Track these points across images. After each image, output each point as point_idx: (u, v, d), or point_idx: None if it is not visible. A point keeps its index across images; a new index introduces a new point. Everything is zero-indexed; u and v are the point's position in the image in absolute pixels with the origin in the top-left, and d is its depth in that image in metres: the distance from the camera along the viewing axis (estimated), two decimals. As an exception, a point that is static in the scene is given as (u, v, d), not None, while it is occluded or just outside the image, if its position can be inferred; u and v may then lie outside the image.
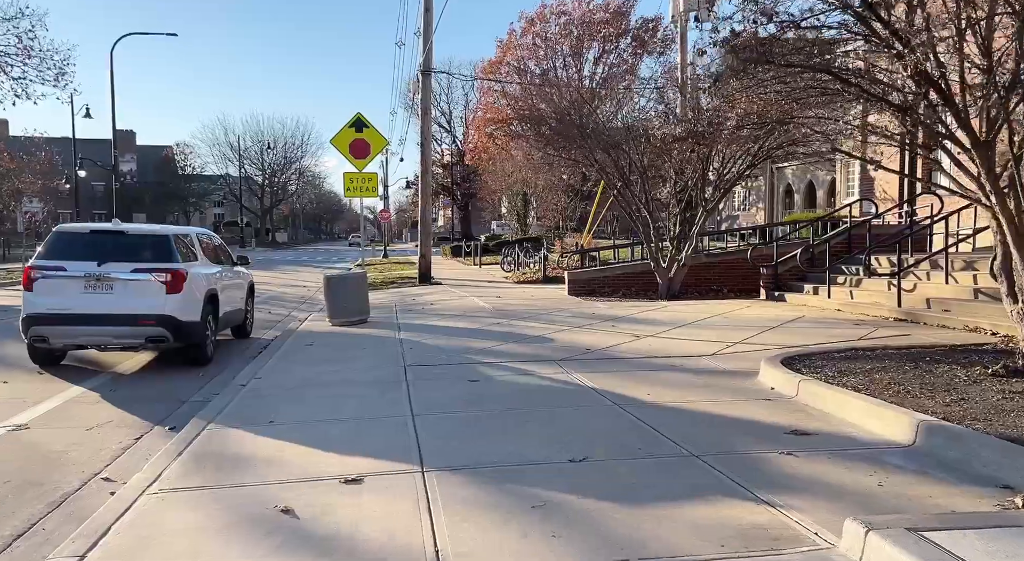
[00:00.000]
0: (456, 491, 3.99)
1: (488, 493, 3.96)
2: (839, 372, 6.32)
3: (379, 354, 8.80)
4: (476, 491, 4.00)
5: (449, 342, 9.42)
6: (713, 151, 12.74)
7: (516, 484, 4.07)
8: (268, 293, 19.89)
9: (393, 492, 4.01)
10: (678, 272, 13.93)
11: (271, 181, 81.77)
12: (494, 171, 45.21)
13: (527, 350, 8.70)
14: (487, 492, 3.98)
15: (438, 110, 63.06)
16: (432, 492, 3.98)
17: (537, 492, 3.93)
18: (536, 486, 4.03)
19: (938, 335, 8.15)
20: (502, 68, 52.73)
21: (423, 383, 7.00)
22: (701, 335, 9.27)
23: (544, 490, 3.97)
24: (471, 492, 3.98)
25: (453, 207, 66.78)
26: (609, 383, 6.73)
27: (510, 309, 12.71)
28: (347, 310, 11.42)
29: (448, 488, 4.03)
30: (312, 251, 64.50)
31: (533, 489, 3.99)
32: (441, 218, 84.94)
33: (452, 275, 23.49)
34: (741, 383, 6.65)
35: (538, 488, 4.00)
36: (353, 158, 13.26)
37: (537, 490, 3.97)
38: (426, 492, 3.98)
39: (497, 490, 4.00)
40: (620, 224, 41.86)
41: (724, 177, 13.03)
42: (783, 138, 10.87)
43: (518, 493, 3.94)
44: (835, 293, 11.28)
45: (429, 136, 20.56)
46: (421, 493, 3.98)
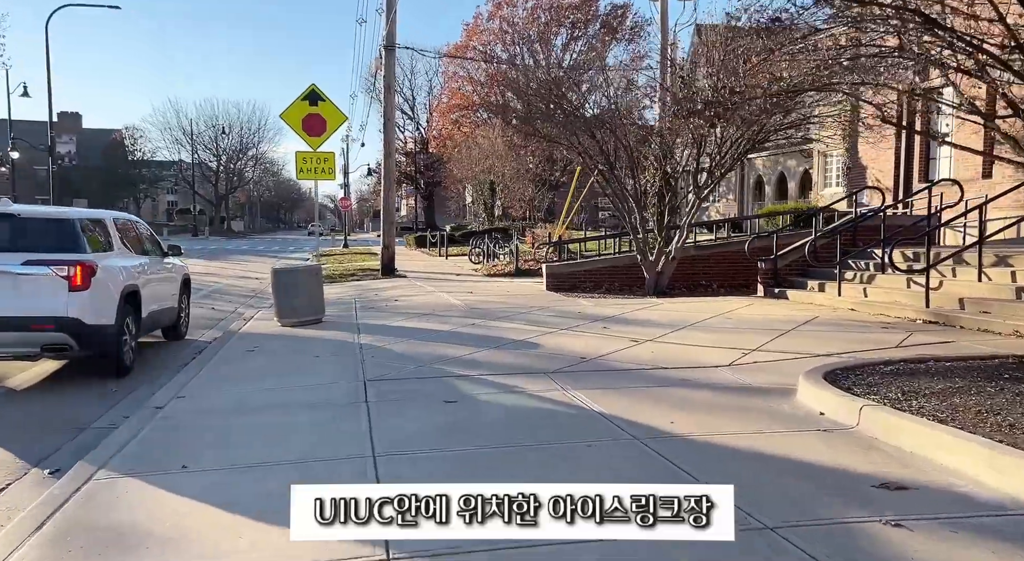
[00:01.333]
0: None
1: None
2: (903, 393, 5.14)
3: (334, 364, 7.40)
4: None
5: (418, 348, 8.05)
6: (709, 133, 11.55)
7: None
8: (214, 286, 18.22)
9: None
10: (666, 266, 12.75)
11: (226, 167, 78.77)
12: (460, 159, 43.66)
13: (511, 359, 7.38)
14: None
15: (401, 97, 61.19)
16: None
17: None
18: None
19: (990, 342, 7.05)
20: (468, 52, 51.09)
21: (388, 406, 5.64)
22: (708, 340, 8.06)
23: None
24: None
25: (417, 196, 65.01)
26: (619, 405, 5.45)
27: (485, 307, 11.37)
28: (298, 309, 9.96)
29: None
30: (269, 240, 62.17)
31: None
32: (404, 208, 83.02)
33: (417, 267, 22.04)
34: (778, 405, 5.43)
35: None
36: (307, 135, 11.74)
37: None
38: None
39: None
40: (588, 215, 40.81)
41: (720, 162, 11.85)
42: (794, 116, 9.77)
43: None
44: (846, 291, 10.20)
45: (393, 115, 19.03)
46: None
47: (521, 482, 2.72)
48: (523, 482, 2.72)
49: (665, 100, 15.07)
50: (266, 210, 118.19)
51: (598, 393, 5.85)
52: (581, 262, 14.17)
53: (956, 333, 7.64)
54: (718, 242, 14.96)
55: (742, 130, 11.61)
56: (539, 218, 36.79)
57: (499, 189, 38.70)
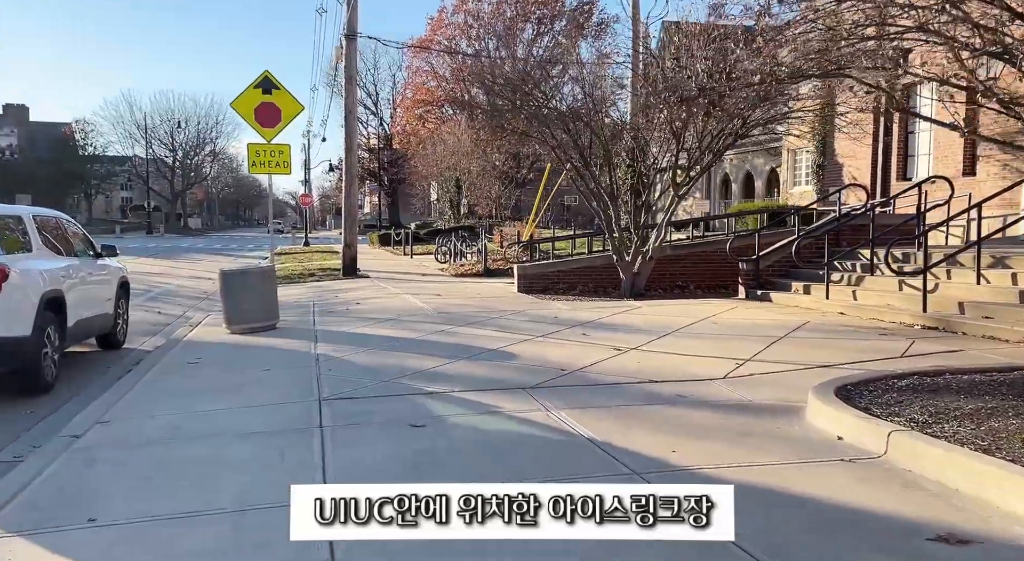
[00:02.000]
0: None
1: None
2: (929, 413, 4.57)
3: (287, 379, 6.61)
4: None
5: (381, 359, 7.29)
6: (689, 128, 10.98)
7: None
8: (164, 287, 17.17)
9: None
10: (643, 266, 12.17)
11: (183, 163, 76.54)
12: (424, 156, 42.75)
13: (485, 371, 6.68)
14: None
15: (364, 91, 60.01)
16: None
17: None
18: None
19: (1003, 351, 6.56)
20: (433, 47, 50.14)
21: (346, 432, 4.90)
22: (696, 348, 7.46)
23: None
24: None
25: (380, 193, 63.83)
26: (610, 429, 4.80)
27: (454, 311, 10.64)
28: (249, 314, 9.12)
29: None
30: (227, 238, 60.41)
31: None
32: (367, 205, 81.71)
33: (381, 266, 21.19)
34: (788, 427, 4.83)
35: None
36: (260, 126, 10.85)
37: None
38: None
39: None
40: (554, 214, 40.25)
41: (700, 157, 11.29)
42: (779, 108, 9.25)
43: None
44: (833, 293, 9.71)
45: (355, 108, 18.18)
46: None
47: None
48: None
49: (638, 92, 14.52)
50: (225, 207, 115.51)
51: (585, 413, 5.19)
52: (554, 262, 13.53)
53: (961, 340, 7.16)
54: (695, 242, 14.45)
55: (723, 123, 11.08)
56: (506, 216, 36.13)
57: (465, 186, 37.91)
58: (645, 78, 11.65)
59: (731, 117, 9.91)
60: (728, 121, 10.77)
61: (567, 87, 12.90)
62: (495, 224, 31.38)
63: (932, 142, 14.25)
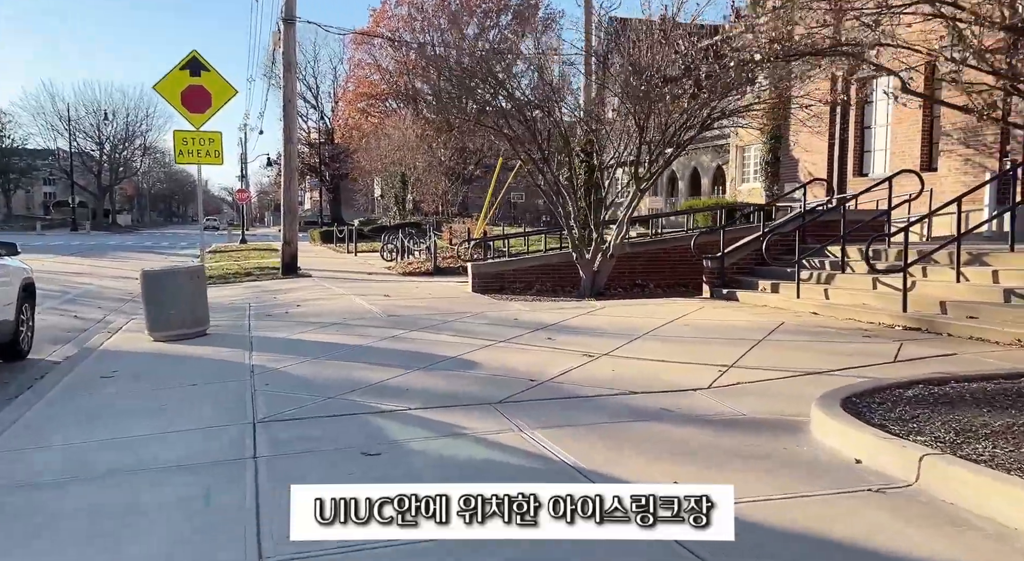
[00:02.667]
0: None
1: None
2: (955, 431, 4.07)
3: (216, 396, 5.76)
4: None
5: (326, 371, 6.49)
6: (652, 118, 10.44)
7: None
8: (83, 288, 15.83)
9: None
10: (604, 265, 11.61)
11: (111, 157, 72.93)
12: (368, 150, 41.54)
13: (445, 384, 5.95)
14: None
15: (304, 84, 58.33)
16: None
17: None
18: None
19: (999, 355, 6.16)
20: (375, 39, 48.87)
21: (285, 464, 4.13)
22: (671, 353, 6.89)
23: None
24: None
25: (322, 189, 62.13)
26: (596, 454, 4.16)
27: (406, 313, 9.85)
28: (175, 319, 8.17)
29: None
30: (159, 235, 57.83)
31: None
32: (308, 201, 79.63)
33: (323, 265, 20.15)
34: (794, 447, 4.27)
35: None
36: (187, 112, 9.82)
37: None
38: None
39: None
40: (502, 210, 39.60)
41: (663, 151, 10.78)
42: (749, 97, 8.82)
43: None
44: (804, 292, 9.31)
45: (294, 97, 17.13)
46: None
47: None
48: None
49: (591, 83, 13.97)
50: (158, 203, 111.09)
51: (564, 434, 4.54)
52: (510, 261, 12.85)
53: (949, 342, 6.77)
54: (654, 239, 13.98)
55: (686, 116, 10.61)
56: (454, 213, 35.35)
57: (411, 182, 36.89)
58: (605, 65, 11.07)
59: (709, 101, 9.38)
60: (702, 107, 10.27)
61: (525, 79, 12.22)
62: (443, 221, 30.57)
63: (889, 137, 14.14)
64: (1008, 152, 11.14)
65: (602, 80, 11.64)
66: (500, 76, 10.74)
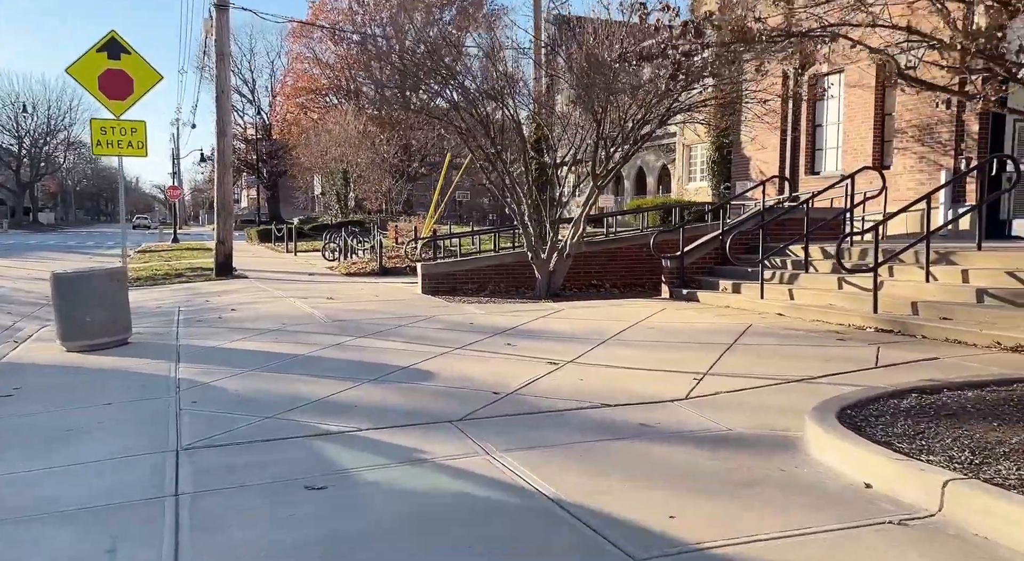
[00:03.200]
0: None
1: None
2: (970, 450, 3.71)
3: (134, 418, 5.04)
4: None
5: (263, 385, 5.81)
6: (610, 112, 10.02)
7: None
8: (-7, 292, 14.55)
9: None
10: (560, 265, 11.15)
11: (31, 152, 69.12)
12: (308, 146, 40.24)
13: (399, 398, 5.35)
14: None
15: (240, 78, 56.42)
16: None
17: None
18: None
19: (982, 359, 5.89)
20: (315, 32, 47.54)
21: (214, 504, 3.49)
22: (640, 359, 6.45)
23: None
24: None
25: (259, 187, 60.17)
26: (576, 482, 3.66)
27: (351, 317, 9.17)
28: (92, 327, 7.32)
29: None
30: (84, 234, 55.00)
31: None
32: (245, 199, 77.28)
33: (261, 265, 19.16)
34: (795, 469, 3.85)
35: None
36: (106, 98, 8.90)
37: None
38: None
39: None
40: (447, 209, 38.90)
41: (622, 145, 10.38)
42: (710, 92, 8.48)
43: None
44: (767, 292, 9.02)
45: (228, 88, 16.14)
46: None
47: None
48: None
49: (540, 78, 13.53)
50: (84, 201, 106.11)
51: (538, 458, 4.02)
52: (462, 261, 12.25)
53: (926, 345, 6.52)
54: (608, 238, 13.60)
55: (644, 110, 10.24)
56: (398, 211, 34.48)
57: (353, 179, 35.84)
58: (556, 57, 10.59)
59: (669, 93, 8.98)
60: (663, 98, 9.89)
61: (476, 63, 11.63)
62: (388, 219, 29.73)
63: (841, 135, 14.11)
64: (963, 150, 11.16)
65: (555, 72, 11.17)
66: (452, 64, 10.16)
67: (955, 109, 10.89)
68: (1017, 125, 10.80)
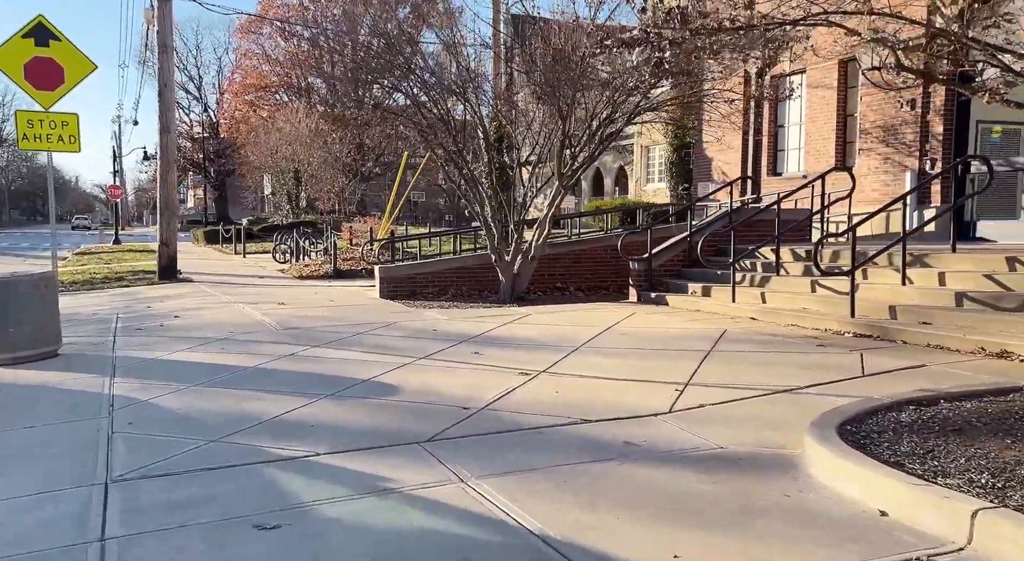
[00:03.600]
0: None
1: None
2: (989, 471, 3.43)
3: (59, 442, 4.47)
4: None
5: (208, 403, 5.26)
6: (576, 109, 9.69)
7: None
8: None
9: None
10: (524, 267, 10.78)
11: (-38, 148, 65.85)
12: (257, 145, 39.05)
13: (360, 417, 4.88)
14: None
15: (185, 75, 54.72)
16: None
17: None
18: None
19: (970, 366, 5.69)
20: (264, 28, 46.34)
21: (146, 552, 2.99)
22: (616, 369, 6.10)
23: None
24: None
25: (206, 186, 58.39)
26: (561, 514, 3.27)
27: (306, 324, 8.62)
28: (15, 338, 6.65)
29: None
30: (19, 235, 52.60)
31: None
32: (192, 199, 75.08)
33: (208, 268, 18.33)
34: (798, 494, 3.53)
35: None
36: (33, 89, 8.16)
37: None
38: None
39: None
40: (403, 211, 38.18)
41: (588, 143, 10.05)
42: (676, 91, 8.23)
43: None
44: (739, 295, 8.80)
45: (171, 81, 15.35)
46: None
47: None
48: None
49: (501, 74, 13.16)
50: (19, 201, 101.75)
51: (518, 485, 3.62)
52: (422, 263, 11.77)
53: (909, 351, 6.31)
54: (574, 240, 13.28)
55: (610, 108, 9.94)
56: (352, 211, 33.68)
57: (305, 179, 34.89)
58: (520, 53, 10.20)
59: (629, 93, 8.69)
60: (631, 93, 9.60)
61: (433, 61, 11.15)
62: (341, 220, 28.96)
63: (803, 136, 14.07)
64: (928, 151, 11.16)
65: (519, 67, 10.78)
66: (411, 57, 9.69)
67: (919, 110, 10.90)
68: (980, 126, 10.83)
